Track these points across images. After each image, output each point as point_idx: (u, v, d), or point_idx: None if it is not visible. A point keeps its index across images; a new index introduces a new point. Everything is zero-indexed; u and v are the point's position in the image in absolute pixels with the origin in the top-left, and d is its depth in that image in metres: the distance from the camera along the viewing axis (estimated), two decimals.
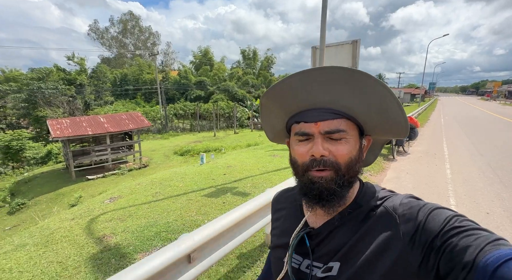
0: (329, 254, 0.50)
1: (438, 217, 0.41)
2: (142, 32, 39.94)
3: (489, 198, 3.66)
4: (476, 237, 0.36)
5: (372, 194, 0.52)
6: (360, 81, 0.43)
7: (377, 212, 0.48)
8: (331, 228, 0.51)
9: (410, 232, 0.42)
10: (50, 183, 11.49)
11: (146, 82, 33.35)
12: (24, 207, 9.73)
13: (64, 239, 2.54)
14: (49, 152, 15.04)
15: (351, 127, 0.49)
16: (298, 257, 0.55)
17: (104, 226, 2.77)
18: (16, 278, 1.95)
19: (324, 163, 0.47)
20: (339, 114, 0.48)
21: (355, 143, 0.49)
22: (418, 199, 0.49)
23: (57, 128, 10.81)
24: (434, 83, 57.91)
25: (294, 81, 0.47)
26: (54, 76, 22.64)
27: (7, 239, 2.83)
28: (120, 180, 11.32)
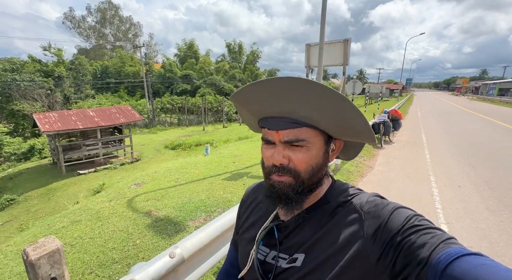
0: (295, 246, 0.52)
1: (399, 215, 0.43)
2: (122, 22, 38.20)
3: (461, 175, 4.46)
4: (431, 235, 0.39)
5: (342, 191, 0.54)
6: (317, 92, 0.43)
7: (344, 208, 0.51)
8: (299, 221, 0.53)
9: (373, 229, 0.45)
10: (39, 178, 11.16)
11: (128, 75, 32.23)
12: (14, 203, 9.46)
13: (113, 215, 2.87)
14: (31, 147, 14.42)
15: (313, 134, 0.49)
16: (265, 248, 0.57)
17: (144, 204, 3.12)
18: (89, 243, 2.30)
19: (283, 170, 0.49)
20: (299, 123, 0.48)
21: (318, 150, 0.50)
22: (383, 198, 0.51)
23: (45, 122, 10.49)
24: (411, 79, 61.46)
25: (254, 90, 0.47)
26: (29, 68, 21.28)
27: (49, 219, 3.10)
28: (113, 174, 11.28)
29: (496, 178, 4.27)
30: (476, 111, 17.53)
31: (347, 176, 4.19)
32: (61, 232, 2.54)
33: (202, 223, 2.55)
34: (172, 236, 2.32)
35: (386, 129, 6.60)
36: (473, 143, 7.11)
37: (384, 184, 4.01)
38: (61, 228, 2.64)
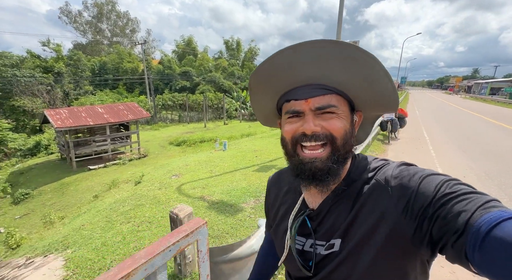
0: (330, 232, 0.51)
1: (429, 184, 0.42)
2: (120, 17, 37.79)
3: (463, 167, 5.01)
4: (467, 202, 0.37)
5: (365, 166, 0.53)
6: (349, 53, 0.42)
7: (370, 185, 0.49)
8: (328, 206, 0.53)
9: (403, 203, 0.43)
10: (50, 173, 11.34)
11: (127, 72, 32.10)
12: (29, 197, 9.67)
13: (170, 200, 3.27)
14: (37, 143, 14.49)
15: (342, 103, 0.49)
16: (301, 238, 0.56)
17: (193, 191, 3.52)
18: (162, 220, 2.70)
19: (317, 138, 0.47)
20: (329, 89, 0.47)
21: (347, 118, 0.49)
22: (409, 165, 0.50)
23: (57, 118, 10.65)
24: (405, 78, 62.67)
25: (283, 57, 0.45)
26: (28, 63, 21.10)
27: (105, 205, 3.48)
28: (123, 169, 11.55)
29: (495, 169, 4.84)
30: (470, 110, 18.36)
31: None
32: (132, 213, 2.93)
33: (254, 205, 2.98)
34: (234, 214, 2.73)
35: (394, 127, 7.13)
36: (470, 139, 7.72)
37: None
38: (129, 210, 3.03)
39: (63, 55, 24.33)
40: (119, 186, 8.60)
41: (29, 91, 19.59)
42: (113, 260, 2.07)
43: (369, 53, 0.42)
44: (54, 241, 2.93)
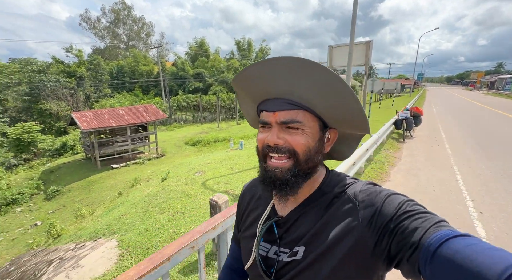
0: (295, 239, 0.53)
1: (392, 202, 0.45)
2: (135, 22, 39.22)
3: (480, 165, 5.01)
4: (423, 220, 0.41)
5: (337, 181, 0.55)
6: (316, 73, 0.44)
7: (340, 198, 0.51)
8: (297, 215, 0.54)
9: (368, 217, 0.46)
10: (77, 172, 12.17)
11: (142, 74, 33.28)
12: (59, 194, 10.48)
13: (197, 194, 3.61)
14: (64, 144, 15.50)
15: (310, 119, 0.50)
16: (266, 244, 0.58)
17: (217, 186, 3.85)
18: (194, 211, 3.03)
19: (279, 151, 0.50)
20: (296, 105, 0.49)
21: (313, 135, 0.51)
22: (376, 185, 0.53)
23: (83, 120, 11.43)
24: (422, 74, 60.56)
25: (254, 70, 0.48)
26: (53, 69, 22.49)
27: (138, 198, 3.87)
28: (143, 168, 12.18)
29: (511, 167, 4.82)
30: (491, 106, 17.65)
31: (379, 166, 4.81)
32: (165, 205, 3.29)
33: None
34: None
35: (409, 125, 7.15)
36: (490, 136, 7.57)
37: (413, 172, 4.62)
38: (162, 203, 3.40)
39: (85, 60, 25.65)
40: (142, 184, 9.17)
41: (55, 95, 20.90)
42: (157, 242, 2.42)
43: (334, 74, 0.44)
44: (99, 229, 3.35)
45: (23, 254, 6.07)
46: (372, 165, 4.78)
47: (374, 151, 5.31)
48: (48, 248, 4.53)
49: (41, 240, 6.93)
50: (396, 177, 4.37)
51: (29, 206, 9.91)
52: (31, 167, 13.78)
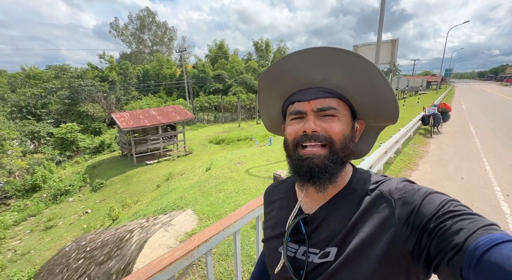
0: (326, 239, 0.50)
1: (433, 201, 0.43)
2: (159, 27, 41.37)
3: (510, 158, 5.13)
4: (469, 221, 0.37)
5: (366, 178, 0.53)
6: (350, 61, 0.46)
7: (372, 196, 0.49)
8: (325, 213, 0.52)
9: (405, 216, 0.44)
10: (116, 167, 13.46)
11: (166, 77, 35.09)
12: (103, 186, 11.71)
13: (244, 179, 4.20)
14: (102, 142, 17.05)
15: (343, 107, 0.51)
16: (293, 245, 0.55)
17: (260, 173, 4.42)
18: (245, 192, 3.62)
19: (316, 138, 0.49)
20: (331, 93, 0.50)
21: (347, 122, 0.51)
22: (412, 182, 0.50)
23: (122, 120, 12.65)
24: (451, 70, 57.39)
25: (289, 61, 0.49)
26: (89, 74, 24.61)
27: (191, 183, 4.54)
28: (173, 164, 13.15)
29: None
30: None
31: (408, 157, 5.12)
32: (220, 187, 3.92)
33: None
34: None
35: (436, 121, 7.29)
36: None
37: (441, 163, 4.88)
38: (215, 186, 4.04)
39: (115, 65, 27.69)
40: (176, 177, 10.06)
41: (91, 98, 22.88)
42: (225, 210, 3.03)
43: (368, 61, 0.45)
44: (165, 206, 4.06)
45: (87, 233, 7.10)
46: (400, 157, 5.11)
47: (402, 145, 5.61)
48: (115, 226, 5.38)
49: (96, 224, 7.98)
50: (425, 167, 4.67)
51: (79, 196, 11.22)
52: (76, 162, 15.36)
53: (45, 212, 9.94)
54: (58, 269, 5.18)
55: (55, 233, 8.42)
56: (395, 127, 7.33)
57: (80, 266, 4.27)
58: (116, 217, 6.53)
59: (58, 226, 8.87)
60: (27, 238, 8.31)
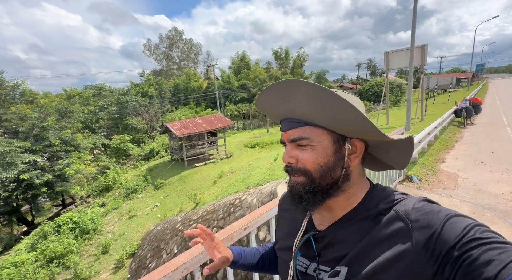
0: (337, 258, 0.50)
1: (456, 225, 0.40)
2: (186, 44, 45.17)
3: None
4: (499, 251, 0.35)
5: (382, 196, 0.52)
6: (300, 89, 0.47)
7: (387, 216, 0.48)
8: (337, 231, 0.52)
9: (424, 240, 0.42)
10: (170, 170, 15.53)
11: (194, 89, 38.11)
12: (163, 185, 13.73)
13: None
14: (151, 150, 19.48)
15: (318, 133, 0.50)
16: (304, 260, 0.56)
17: None
18: None
19: (292, 170, 0.52)
20: (300, 122, 0.51)
21: (324, 149, 0.50)
22: (432, 202, 0.48)
23: (176, 128, 14.78)
24: (483, 65, 55.02)
25: (262, 98, 0.54)
26: (132, 91, 27.91)
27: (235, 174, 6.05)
28: (219, 166, 14.91)
29: None
30: None
31: (445, 141, 6.20)
32: None
33: None
34: None
35: (468, 113, 8.26)
36: None
37: (474, 144, 5.95)
38: None
39: (153, 82, 30.99)
40: (228, 175, 11.76)
41: (135, 112, 25.92)
42: None
43: (317, 86, 0.44)
44: (257, 182, 5.59)
45: (168, 218, 8.88)
46: (438, 141, 6.23)
47: (439, 133, 6.75)
48: (211, 203, 7.04)
49: (174, 211, 9.80)
50: (460, 147, 5.78)
51: (146, 193, 13.30)
52: (134, 167, 17.79)
53: (123, 206, 12.06)
54: (167, 235, 6.90)
55: (137, 221, 10.37)
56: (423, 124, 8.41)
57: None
58: (199, 201, 8.23)
59: (137, 216, 10.85)
60: (117, 224, 10.34)
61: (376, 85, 32.67)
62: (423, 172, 4.17)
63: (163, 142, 20.26)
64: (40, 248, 7.92)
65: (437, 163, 4.68)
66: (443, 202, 3.07)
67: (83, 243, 8.80)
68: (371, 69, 68.93)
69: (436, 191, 3.48)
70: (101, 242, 8.62)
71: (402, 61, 9.65)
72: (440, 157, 4.99)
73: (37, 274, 7.01)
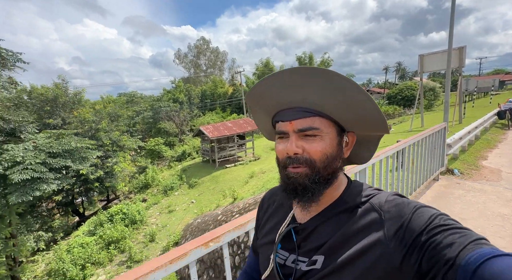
0: (315, 248, 0.53)
1: (423, 215, 0.44)
2: (212, 52, 47.49)
3: None
4: (459, 235, 0.39)
5: (359, 191, 0.55)
6: (327, 79, 0.46)
7: (362, 208, 0.51)
8: (317, 223, 0.54)
9: (394, 229, 0.45)
10: (202, 170, 16.56)
11: (220, 95, 39.77)
12: (197, 184, 14.71)
13: None
14: (183, 151, 20.82)
15: (326, 125, 0.51)
16: (284, 252, 0.58)
17: None
18: None
19: (298, 161, 0.51)
20: (311, 112, 0.51)
21: (331, 140, 0.51)
22: (402, 196, 0.52)
23: (209, 131, 15.83)
24: None
25: (268, 83, 0.52)
26: (164, 97, 30.02)
27: None
28: (248, 167, 15.55)
29: None
30: None
31: (487, 141, 6.22)
32: None
33: None
34: None
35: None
36: None
37: None
38: None
39: (183, 89, 33.05)
40: (258, 175, 12.34)
41: (167, 116, 27.83)
42: None
43: (345, 77, 0.46)
44: None
45: (205, 212, 9.64)
46: (480, 141, 6.27)
47: (480, 134, 6.76)
48: (250, 197, 7.65)
49: (210, 207, 10.58)
50: (503, 147, 5.77)
51: (181, 191, 14.35)
52: (169, 167, 19.18)
53: (162, 202, 13.17)
54: (210, 226, 7.60)
55: (177, 215, 11.32)
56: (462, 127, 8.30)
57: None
58: (236, 196, 8.91)
59: (176, 210, 11.83)
60: (159, 217, 11.38)
61: (407, 88, 31.50)
62: (465, 166, 4.38)
63: (194, 144, 21.52)
64: (98, 234, 9.10)
65: (478, 160, 4.81)
66: (486, 189, 3.33)
67: (132, 232, 9.88)
68: (400, 72, 66.38)
69: (478, 182, 3.72)
70: (147, 231, 9.63)
71: (437, 63, 9.68)
72: (482, 155, 5.10)
73: (99, 254, 8.12)
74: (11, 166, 6.45)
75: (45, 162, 7.19)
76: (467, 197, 3.10)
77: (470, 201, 3.00)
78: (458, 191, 3.32)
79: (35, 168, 6.68)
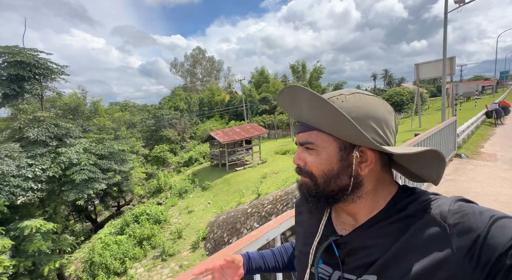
0: (364, 265, 0.48)
1: (504, 229, 0.37)
2: (208, 61, 48.74)
3: None
4: None
5: (412, 198, 0.49)
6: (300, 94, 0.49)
7: (420, 219, 0.45)
8: (362, 236, 0.50)
9: (466, 246, 0.39)
10: (212, 173, 17.21)
11: (217, 103, 40.73)
12: (210, 187, 15.34)
13: None
14: (190, 157, 21.43)
15: (324, 139, 0.50)
16: (327, 268, 0.54)
17: None
18: None
19: (300, 172, 0.54)
20: (308, 127, 0.52)
21: (329, 156, 0.49)
22: (469, 201, 0.45)
23: (219, 136, 16.63)
24: (507, 71, 54.49)
25: (279, 98, 0.56)
26: (165, 105, 30.66)
27: None
28: (257, 170, 16.40)
29: None
30: None
31: (481, 135, 7.41)
32: None
33: None
34: None
35: (498, 114, 9.43)
36: None
37: (506, 136, 7.12)
38: None
39: (184, 97, 33.82)
40: (271, 176, 13.22)
41: (169, 124, 28.40)
42: None
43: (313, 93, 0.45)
44: None
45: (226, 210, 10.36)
46: (475, 135, 7.47)
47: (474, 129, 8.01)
48: (276, 191, 8.50)
49: (229, 206, 11.30)
50: (495, 139, 6.98)
51: (196, 194, 14.95)
52: (179, 172, 19.71)
53: (179, 204, 13.73)
54: (241, 218, 8.37)
55: (197, 215, 11.94)
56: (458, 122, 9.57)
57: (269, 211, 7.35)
58: (260, 192, 9.73)
59: (195, 211, 12.44)
60: (180, 217, 11.96)
61: (396, 94, 33.55)
62: (468, 152, 5.50)
63: (200, 150, 22.17)
64: (128, 233, 9.64)
65: (477, 148, 5.97)
66: (488, 165, 4.42)
67: (159, 230, 10.45)
68: (387, 79, 69.82)
69: (482, 161, 4.84)
70: (174, 229, 10.22)
71: (431, 71, 11.09)
72: (479, 145, 6.27)
73: (133, 250, 8.68)
74: (68, 168, 7.00)
75: (96, 163, 7.76)
76: (477, 169, 4.22)
77: (479, 171, 4.12)
78: (469, 166, 4.44)
79: (90, 169, 7.26)
